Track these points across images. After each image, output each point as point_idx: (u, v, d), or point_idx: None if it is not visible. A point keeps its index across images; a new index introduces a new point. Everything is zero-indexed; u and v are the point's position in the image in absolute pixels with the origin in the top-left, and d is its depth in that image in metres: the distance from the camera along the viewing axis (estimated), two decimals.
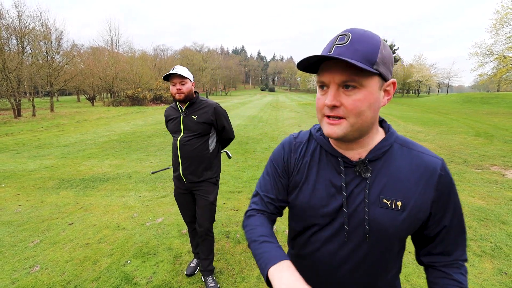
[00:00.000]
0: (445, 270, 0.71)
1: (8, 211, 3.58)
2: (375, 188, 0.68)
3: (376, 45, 0.61)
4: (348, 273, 0.74)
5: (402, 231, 0.68)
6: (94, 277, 2.29)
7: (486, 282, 2.22)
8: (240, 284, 2.22)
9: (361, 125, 0.63)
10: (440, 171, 0.67)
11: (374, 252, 0.71)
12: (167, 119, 2.17)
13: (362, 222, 0.68)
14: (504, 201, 3.83)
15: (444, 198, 0.68)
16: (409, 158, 0.68)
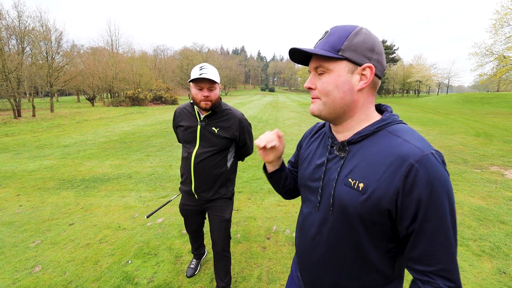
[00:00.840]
0: (420, 285, 0.65)
1: (9, 211, 3.59)
2: (346, 168, 0.72)
3: (344, 34, 0.69)
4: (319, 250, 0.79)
5: (362, 211, 0.67)
6: (95, 277, 2.30)
7: (485, 281, 2.23)
8: (240, 284, 2.23)
9: (332, 104, 0.72)
10: (416, 162, 0.61)
11: (339, 229, 0.74)
12: (178, 123, 1.84)
13: (329, 197, 0.75)
14: (503, 201, 3.84)
15: (417, 194, 0.61)
16: (389, 145, 0.67)
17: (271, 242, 2.87)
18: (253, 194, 4.18)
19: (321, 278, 0.81)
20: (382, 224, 0.68)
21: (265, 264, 2.49)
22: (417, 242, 0.64)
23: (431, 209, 0.61)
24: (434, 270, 0.63)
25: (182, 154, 1.86)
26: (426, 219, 0.62)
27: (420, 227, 0.63)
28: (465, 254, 2.61)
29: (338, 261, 0.76)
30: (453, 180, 4.74)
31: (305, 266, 0.86)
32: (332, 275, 0.78)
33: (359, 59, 0.68)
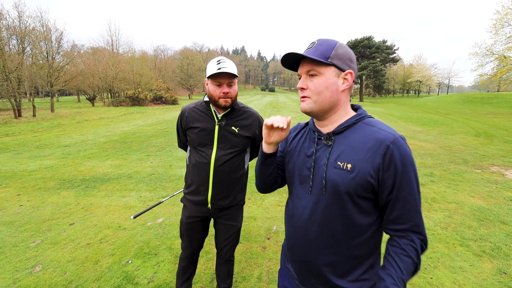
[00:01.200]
0: (396, 240, 0.84)
1: (9, 211, 3.59)
2: (334, 154, 0.87)
3: (331, 46, 0.85)
4: (314, 228, 0.89)
5: (351, 188, 0.81)
6: (96, 277, 2.30)
7: (486, 281, 2.23)
8: (240, 284, 2.23)
9: (322, 102, 0.87)
10: (390, 143, 0.79)
11: (332, 207, 0.86)
12: (190, 125, 1.60)
13: (321, 180, 0.87)
14: (504, 201, 3.84)
15: (393, 169, 0.79)
16: (367, 132, 0.84)
17: (271, 242, 2.87)
18: (253, 194, 4.18)
19: (315, 258, 0.91)
20: (367, 198, 0.84)
21: (265, 264, 2.49)
22: (394, 207, 0.82)
23: (404, 180, 0.80)
24: (408, 227, 0.82)
25: (191, 159, 1.64)
26: (400, 188, 0.80)
27: (396, 194, 0.81)
28: (466, 254, 2.60)
29: (332, 238, 0.87)
30: (454, 180, 4.73)
31: (299, 251, 0.95)
32: (326, 253, 0.89)
33: (343, 66, 0.86)
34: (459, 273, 2.34)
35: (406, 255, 0.81)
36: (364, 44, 43.63)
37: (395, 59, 46.88)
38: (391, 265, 0.82)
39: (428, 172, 5.23)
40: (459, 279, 2.27)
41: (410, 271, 0.80)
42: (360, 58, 45.38)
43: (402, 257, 0.81)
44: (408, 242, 0.82)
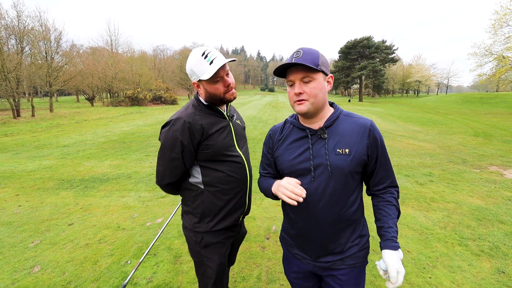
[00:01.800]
0: (381, 195, 1.11)
1: (8, 211, 3.58)
2: (331, 144, 1.03)
3: (316, 55, 1.00)
4: (324, 208, 1.05)
5: (351, 168, 1.02)
6: (95, 277, 2.30)
7: (484, 281, 2.24)
8: (239, 284, 2.23)
9: (317, 103, 1.02)
10: (370, 126, 1.05)
11: (337, 187, 1.03)
12: (211, 131, 1.29)
13: (326, 167, 1.02)
14: (502, 201, 3.84)
15: (375, 143, 1.05)
16: (350, 122, 1.06)
17: (270, 242, 2.87)
18: (252, 194, 4.17)
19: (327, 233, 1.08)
20: (359, 172, 1.07)
21: (264, 264, 2.49)
22: (378, 172, 1.09)
23: (382, 151, 1.07)
24: (388, 184, 1.11)
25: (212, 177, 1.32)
26: (381, 157, 1.07)
27: (380, 162, 1.08)
28: (464, 254, 2.61)
29: (339, 212, 1.05)
30: (452, 180, 4.74)
31: (311, 232, 1.10)
32: (336, 225, 1.07)
33: (327, 71, 1.03)
34: (457, 273, 2.34)
35: (391, 204, 1.08)
36: (363, 44, 43.65)
37: (395, 59, 46.90)
38: (384, 215, 1.07)
39: (427, 172, 5.24)
40: (457, 278, 2.27)
41: (395, 214, 1.08)
42: (359, 58, 45.43)
43: (389, 207, 1.08)
44: (389, 195, 1.10)
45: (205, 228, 1.34)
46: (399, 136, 9.37)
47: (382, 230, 1.05)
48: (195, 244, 1.38)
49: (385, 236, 1.03)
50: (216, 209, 1.34)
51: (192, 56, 1.24)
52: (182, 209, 1.45)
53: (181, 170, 1.32)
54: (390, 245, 1.00)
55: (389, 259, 0.97)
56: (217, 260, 1.37)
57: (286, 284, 2.22)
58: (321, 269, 1.14)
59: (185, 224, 1.41)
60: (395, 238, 1.02)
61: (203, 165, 1.32)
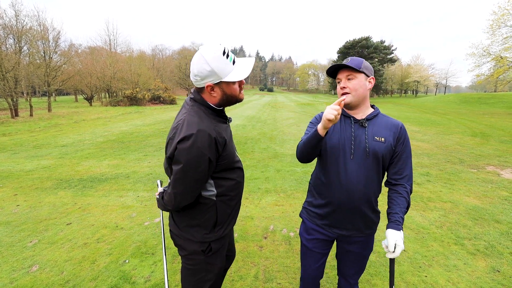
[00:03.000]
0: (394, 188, 1.34)
1: (6, 211, 3.58)
2: (369, 132, 1.32)
3: (361, 61, 1.31)
4: (360, 183, 1.30)
5: (384, 152, 1.30)
6: (93, 276, 2.31)
7: (479, 279, 2.26)
8: (237, 282, 2.25)
9: (358, 97, 1.31)
10: (401, 126, 1.35)
11: (371, 166, 1.31)
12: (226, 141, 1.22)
13: (364, 149, 1.30)
14: (498, 201, 3.88)
15: (402, 140, 1.33)
16: (386, 120, 1.37)
17: (268, 241, 2.89)
18: (250, 194, 4.19)
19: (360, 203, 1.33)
20: (388, 159, 1.33)
21: (261, 263, 2.50)
22: (398, 162, 1.34)
23: (406, 147, 1.34)
24: (403, 176, 1.34)
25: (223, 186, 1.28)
26: (403, 150, 1.34)
27: (401, 155, 1.34)
28: (460, 253, 2.63)
29: (370, 184, 1.32)
30: (450, 180, 4.77)
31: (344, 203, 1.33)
32: (367, 197, 1.33)
33: (368, 73, 1.33)
34: (453, 272, 2.37)
35: (401, 196, 1.30)
36: (362, 44, 43.79)
37: (393, 59, 47.09)
38: (394, 204, 1.30)
39: (425, 171, 5.27)
40: (453, 277, 2.30)
41: (405, 206, 1.28)
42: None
43: (400, 198, 1.30)
44: (402, 188, 1.32)
45: (215, 237, 1.30)
46: None
47: (390, 215, 1.29)
48: (197, 254, 1.30)
49: (391, 220, 1.27)
50: (227, 217, 1.33)
51: (210, 55, 1.10)
52: (182, 224, 1.30)
53: (201, 188, 1.22)
54: (393, 226, 1.24)
55: (390, 234, 1.22)
56: (219, 264, 1.37)
57: (283, 283, 2.24)
58: (343, 236, 1.42)
59: (188, 237, 1.29)
60: (399, 221, 1.24)
61: (217, 176, 1.24)
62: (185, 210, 1.29)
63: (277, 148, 7.50)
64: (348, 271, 1.51)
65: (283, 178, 4.93)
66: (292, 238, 2.94)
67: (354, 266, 1.49)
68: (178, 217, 1.32)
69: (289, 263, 2.50)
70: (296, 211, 3.54)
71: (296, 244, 2.80)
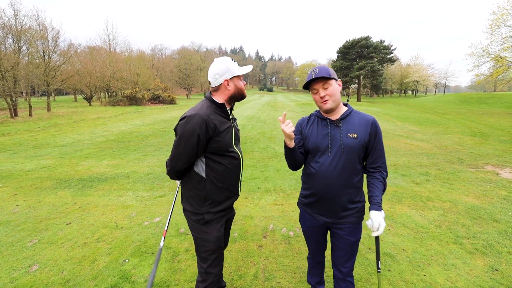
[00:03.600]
0: (373, 174, 1.54)
1: (6, 211, 3.58)
2: (344, 130, 1.49)
3: (327, 68, 1.46)
4: (337, 175, 1.48)
5: (357, 147, 1.46)
6: (93, 275, 2.31)
7: (478, 278, 2.27)
8: (237, 281, 2.25)
9: (336, 100, 1.48)
10: (373, 120, 1.50)
11: (347, 161, 1.47)
12: (220, 130, 1.51)
13: (340, 146, 1.47)
14: (497, 200, 3.89)
15: (373, 132, 1.49)
16: (359, 117, 1.52)
17: (267, 240, 2.89)
18: (250, 194, 4.20)
19: (339, 194, 1.49)
20: (363, 152, 1.50)
21: (261, 263, 2.51)
22: (373, 153, 1.52)
23: (378, 138, 1.51)
24: (379, 165, 1.53)
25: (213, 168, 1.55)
26: (377, 142, 1.50)
27: (375, 147, 1.51)
28: (459, 252, 2.64)
29: (347, 180, 1.48)
30: (449, 179, 4.79)
31: (326, 193, 1.51)
32: (345, 189, 1.49)
33: (336, 78, 1.50)
34: (452, 270, 2.38)
35: (379, 181, 1.51)
36: (361, 44, 43.75)
37: (393, 59, 46.97)
38: (373, 188, 1.50)
39: (424, 171, 5.29)
40: (452, 276, 2.31)
41: (382, 189, 1.50)
42: (357, 58, 45.51)
43: (378, 182, 1.50)
44: (379, 174, 1.52)
45: (206, 210, 1.59)
46: (397, 136, 9.42)
47: (371, 198, 1.48)
48: (195, 223, 1.61)
49: (372, 202, 1.46)
50: (215, 195, 1.59)
51: (225, 60, 1.57)
52: (184, 194, 1.66)
53: (193, 159, 1.53)
54: (374, 207, 1.44)
55: (373, 215, 1.43)
56: (215, 233, 1.62)
57: (282, 282, 2.25)
58: (329, 223, 1.59)
59: (186, 207, 1.65)
60: (379, 203, 1.45)
61: (209, 157, 1.54)
62: (183, 183, 1.66)
63: (277, 147, 7.51)
64: (338, 259, 1.62)
65: (282, 178, 4.93)
66: (291, 237, 2.95)
67: (343, 252, 1.59)
68: (183, 191, 1.68)
69: (289, 262, 2.51)
70: (296, 211, 3.55)
71: (295, 244, 2.81)
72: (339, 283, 1.65)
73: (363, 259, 2.52)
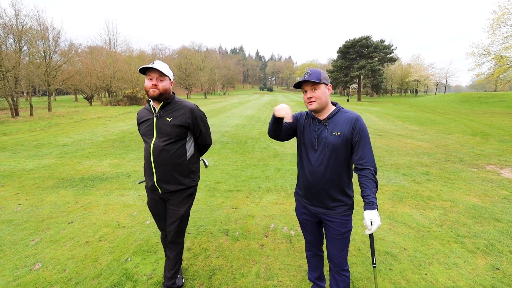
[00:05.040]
0: (362, 173, 1.53)
1: (8, 210, 3.60)
2: (329, 129, 1.59)
3: (320, 73, 1.55)
4: (323, 170, 1.60)
5: (340, 145, 1.55)
6: (95, 274, 2.32)
7: (479, 277, 2.27)
8: (238, 280, 2.26)
9: (321, 103, 1.57)
10: (357, 118, 1.57)
11: (332, 157, 1.58)
12: (139, 122, 1.97)
13: (324, 142, 1.58)
14: (498, 199, 3.89)
15: (356, 129, 1.55)
16: (344, 115, 1.60)
17: (269, 239, 2.90)
18: (251, 193, 4.21)
19: (325, 187, 1.61)
20: (348, 148, 1.58)
21: (263, 261, 2.52)
22: (359, 150, 1.55)
23: (362, 134, 1.55)
24: (366, 161, 1.53)
25: (144, 152, 1.93)
26: (361, 138, 1.55)
27: (359, 142, 1.55)
28: (460, 251, 2.65)
29: (333, 170, 1.60)
30: (450, 179, 4.79)
31: (315, 185, 1.64)
32: (331, 182, 1.61)
33: (326, 82, 1.58)
34: (453, 269, 2.38)
35: (369, 179, 1.51)
36: (362, 43, 43.69)
37: (393, 59, 46.89)
38: (365, 188, 1.50)
39: (425, 171, 5.29)
40: (453, 275, 2.31)
41: (373, 187, 1.50)
42: (358, 57, 45.44)
43: (368, 181, 1.50)
44: (368, 171, 1.52)
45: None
46: (397, 135, 9.42)
47: (364, 198, 1.50)
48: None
49: (365, 202, 1.49)
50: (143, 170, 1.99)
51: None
52: None
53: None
54: (367, 207, 1.47)
55: (366, 214, 1.46)
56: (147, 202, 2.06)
57: (284, 281, 2.26)
58: (320, 213, 1.69)
59: None
60: (372, 202, 1.46)
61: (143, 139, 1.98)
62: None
63: (277, 147, 7.51)
64: (331, 251, 1.71)
65: (283, 177, 4.94)
66: (292, 236, 2.96)
67: (335, 243, 1.68)
68: None
69: (290, 261, 2.52)
70: None
71: (296, 242, 2.82)
72: (335, 276, 1.73)
73: (364, 258, 2.53)
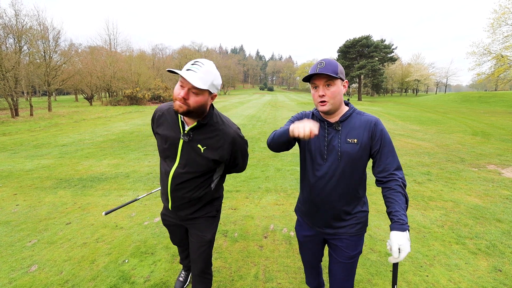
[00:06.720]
0: (387, 185, 1.26)
1: (6, 210, 3.57)
2: (343, 135, 1.29)
3: (336, 65, 1.23)
4: (332, 186, 1.32)
5: (358, 154, 1.27)
6: (92, 276, 2.30)
7: (481, 279, 2.24)
8: (237, 282, 2.23)
9: (335, 103, 1.26)
10: (375, 122, 1.29)
11: (346, 169, 1.29)
12: (157, 130, 1.50)
13: (337, 152, 1.28)
14: (500, 199, 3.86)
15: (376, 135, 1.28)
16: (360, 119, 1.31)
17: (268, 241, 2.87)
18: (250, 193, 4.18)
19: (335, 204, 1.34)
20: (365, 159, 1.31)
21: (262, 263, 2.49)
22: (381, 160, 1.28)
23: (384, 140, 1.28)
24: (392, 170, 1.27)
25: (160, 167, 1.57)
26: (383, 145, 1.28)
27: (381, 151, 1.28)
28: (461, 252, 2.62)
29: (346, 185, 1.31)
30: (450, 179, 4.75)
31: (322, 202, 1.37)
32: (342, 198, 1.33)
33: (343, 78, 1.29)
34: (454, 271, 2.35)
35: (396, 192, 1.21)
36: (362, 43, 43.63)
37: (394, 58, 46.82)
38: (391, 202, 1.20)
39: (425, 170, 5.25)
40: (454, 276, 2.28)
41: (403, 201, 1.20)
42: (358, 57, 45.41)
43: (395, 194, 1.21)
44: (395, 183, 1.23)
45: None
46: (398, 135, 9.38)
47: (391, 215, 1.19)
48: None
49: (393, 220, 1.17)
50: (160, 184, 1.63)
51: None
52: None
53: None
54: (396, 226, 1.14)
55: (393, 237, 1.12)
56: (161, 214, 1.83)
57: (283, 283, 2.23)
58: (327, 235, 1.44)
59: None
60: (402, 220, 1.13)
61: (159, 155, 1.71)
62: None
63: None
64: (337, 278, 1.43)
65: (283, 177, 4.91)
66: (292, 237, 2.92)
67: (342, 268, 1.40)
68: None
69: (290, 262, 2.49)
70: None
71: (296, 244, 2.79)
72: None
73: (364, 259, 2.50)
